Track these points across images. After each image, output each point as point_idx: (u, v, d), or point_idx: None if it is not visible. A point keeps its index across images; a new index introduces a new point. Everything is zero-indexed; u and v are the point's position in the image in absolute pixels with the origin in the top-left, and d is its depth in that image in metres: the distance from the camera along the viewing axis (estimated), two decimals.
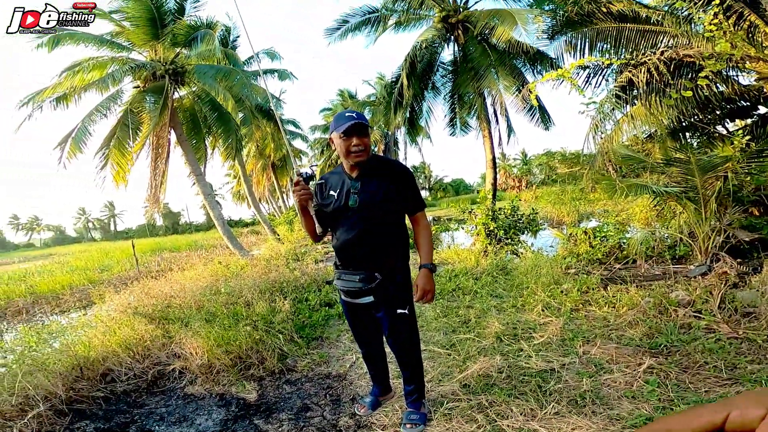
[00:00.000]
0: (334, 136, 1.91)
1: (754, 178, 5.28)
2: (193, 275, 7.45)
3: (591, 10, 6.53)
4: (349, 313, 2.16)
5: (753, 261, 4.56)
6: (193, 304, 4.62)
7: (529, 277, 4.88)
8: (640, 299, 3.72)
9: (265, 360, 3.31)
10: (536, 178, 33.58)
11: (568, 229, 7.47)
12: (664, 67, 5.29)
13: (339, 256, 2.01)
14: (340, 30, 12.06)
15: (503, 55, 10.85)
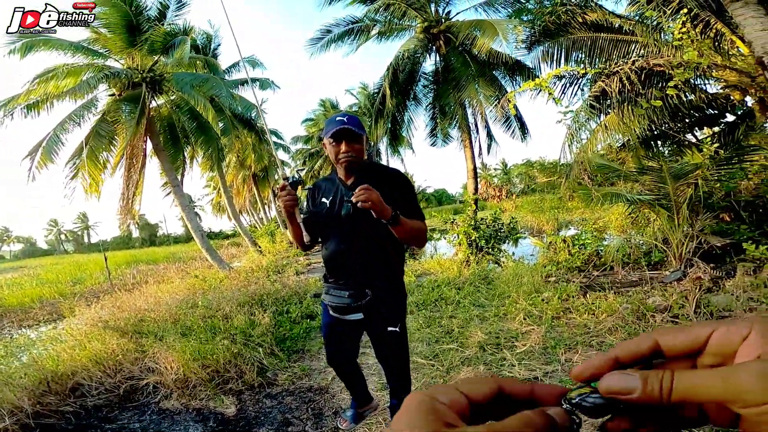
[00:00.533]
0: (325, 140, 1.81)
1: (723, 185, 5.49)
2: (170, 288, 7.28)
3: (567, 20, 6.75)
4: (329, 330, 1.99)
5: (726, 266, 4.71)
6: (168, 317, 4.52)
7: (511, 286, 4.91)
8: (618, 306, 3.78)
9: (244, 374, 3.22)
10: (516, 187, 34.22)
11: (547, 238, 7.58)
12: (635, 76, 5.47)
13: (328, 267, 1.89)
14: (322, 40, 12.06)
15: (484, 65, 11.06)
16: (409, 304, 4.99)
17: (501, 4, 11.00)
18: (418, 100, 12.82)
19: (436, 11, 11.67)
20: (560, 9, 6.77)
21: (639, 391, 0.25)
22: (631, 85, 5.49)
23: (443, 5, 11.70)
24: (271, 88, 15.75)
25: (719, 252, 4.97)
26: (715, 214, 5.50)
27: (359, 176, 1.83)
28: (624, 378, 0.26)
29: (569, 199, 10.55)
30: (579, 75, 6.86)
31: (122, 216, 10.78)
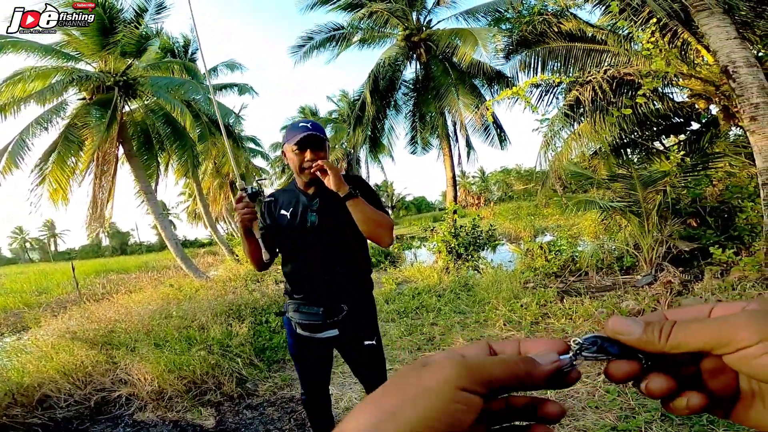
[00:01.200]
0: (286, 148, 1.67)
1: (690, 191, 5.74)
2: (142, 298, 7.08)
3: (543, 29, 6.97)
4: (299, 350, 1.80)
5: (694, 269, 4.91)
6: (140, 328, 4.39)
7: (490, 293, 4.97)
8: (594, 310, 3.87)
9: (222, 385, 3.15)
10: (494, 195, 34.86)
11: (524, 245, 7.74)
12: (607, 85, 5.68)
13: (294, 284, 1.73)
14: (304, 47, 12.04)
15: (463, 74, 11.26)
16: (390, 312, 4.99)
17: (481, 14, 11.26)
18: (399, 108, 12.93)
19: (418, 19, 11.85)
20: (537, 18, 6.99)
21: (638, 334, 0.26)
22: (603, 94, 5.70)
23: (425, 14, 11.91)
24: (249, 94, 15.54)
25: (687, 256, 5.18)
26: (683, 219, 5.73)
27: (321, 185, 1.67)
28: (628, 321, 0.27)
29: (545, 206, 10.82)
30: (554, 84, 7.08)
31: (92, 224, 10.37)
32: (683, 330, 0.25)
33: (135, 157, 10.95)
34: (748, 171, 5.64)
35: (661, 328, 0.25)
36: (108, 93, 10.16)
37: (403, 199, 56.86)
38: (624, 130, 6.31)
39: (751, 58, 4.40)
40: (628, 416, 2.19)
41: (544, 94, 7.52)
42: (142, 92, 10.76)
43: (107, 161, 10.29)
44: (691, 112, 6.71)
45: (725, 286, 3.93)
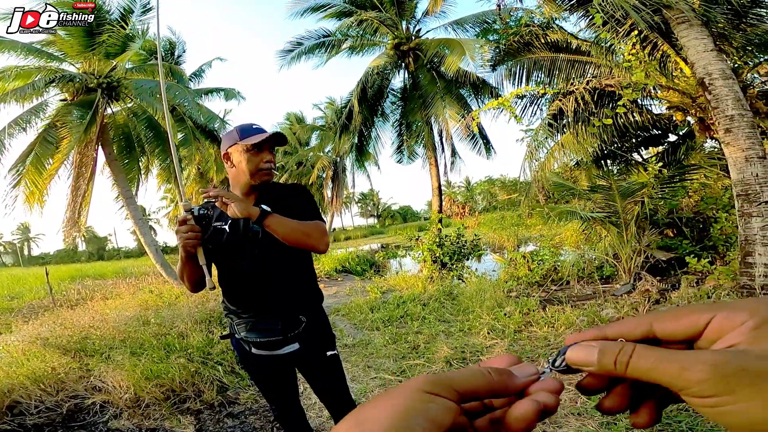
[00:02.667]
0: (235, 149, 1.53)
1: (667, 203, 5.93)
2: (118, 305, 6.91)
3: (529, 40, 7.13)
4: (256, 372, 1.68)
5: (671, 278, 5.05)
6: (116, 335, 4.28)
7: (475, 302, 5.00)
8: (575, 318, 3.94)
9: (202, 392, 3.08)
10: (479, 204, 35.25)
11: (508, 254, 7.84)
12: (589, 96, 5.81)
13: (241, 302, 1.58)
14: (293, 52, 12.02)
15: (450, 83, 11.41)
16: (375, 320, 4.97)
17: (470, 24, 11.43)
18: (386, 116, 13.00)
19: (407, 28, 11.95)
20: (524, 30, 7.15)
21: (594, 364, 0.25)
22: (585, 105, 5.83)
23: (414, 23, 12.03)
24: (236, 99, 15.39)
25: (665, 266, 5.33)
26: (660, 230, 5.92)
27: (262, 195, 1.60)
28: (584, 350, 0.26)
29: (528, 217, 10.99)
30: (539, 95, 7.24)
31: (68, 228, 10.06)
32: (642, 360, 0.24)
33: (115, 161, 10.70)
34: (723, 182, 5.86)
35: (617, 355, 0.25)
36: (90, 94, 9.95)
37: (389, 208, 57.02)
38: (605, 141, 6.47)
39: (727, 70, 4.51)
40: (610, 423, 2.23)
41: (529, 105, 7.68)
42: (126, 95, 10.57)
43: (85, 164, 10.04)
44: (669, 124, 6.93)
45: (701, 295, 4.06)
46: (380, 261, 12.51)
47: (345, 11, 11.49)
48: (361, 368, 3.52)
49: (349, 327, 5.01)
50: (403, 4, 11.49)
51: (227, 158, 1.58)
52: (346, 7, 11.46)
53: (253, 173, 1.53)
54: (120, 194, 10.65)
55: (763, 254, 4.08)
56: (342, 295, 7.43)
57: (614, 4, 4.63)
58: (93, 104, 9.68)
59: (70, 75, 9.51)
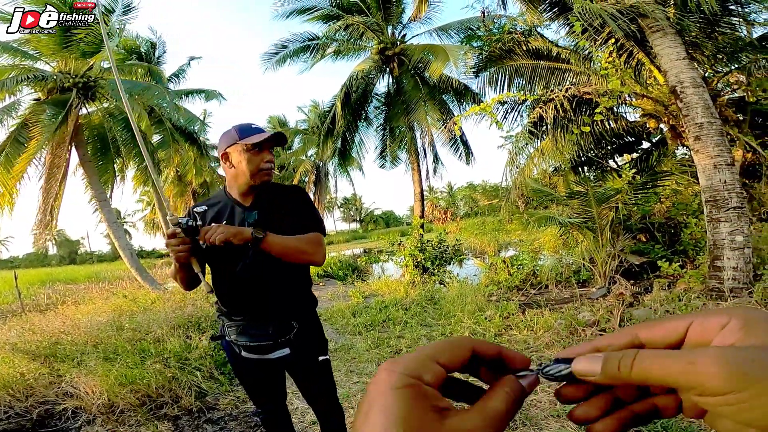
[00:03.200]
0: (234, 149, 1.51)
1: (640, 208, 6.14)
2: (90, 309, 6.74)
3: (511, 47, 7.28)
4: (246, 374, 1.67)
5: (644, 282, 5.22)
6: (88, 340, 4.18)
7: (456, 306, 5.05)
8: (553, 322, 4.01)
9: (180, 398, 3.02)
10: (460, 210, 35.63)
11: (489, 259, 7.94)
12: (568, 103, 5.96)
13: (234, 305, 1.58)
14: (278, 56, 11.93)
15: (434, 89, 11.52)
16: (357, 325, 4.96)
17: (454, 30, 11.57)
18: (369, 121, 13.02)
19: (393, 34, 12.01)
20: (507, 37, 7.30)
21: (599, 373, 0.25)
22: (564, 112, 5.98)
23: (400, 28, 12.10)
24: (217, 99, 15.14)
25: (638, 269, 5.50)
26: (634, 235, 6.11)
27: (260, 195, 1.58)
28: (589, 360, 0.26)
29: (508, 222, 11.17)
30: (520, 101, 7.40)
31: (39, 231, 9.67)
32: (646, 362, 0.24)
33: (89, 162, 10.39)
34: (693, 189, 6.10)
35: (620, 360, 0.24)
36: (65, 94, 9.64)
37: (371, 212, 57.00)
38: (582, 148, 6.66)
39: (698, 79, 4.67)
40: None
41: (510, 111, 7.85)
42: (102, 95, 10.28)
43: (57, 165, 9.70)
44: (643, 132, 7.18)
45: (672, 298, 4.20)
46: (363, 266, 12.48)
47: (331, 14, 11.49)
48: (344, 373, 3.50)
49: (330, 332, 4.98)
50: (389, 8, 11.54)
51: (226, 158, 1.55)
52: (332, 10, 11.46)
53: (253, 173, 1.51)
54: (93, 196, 10.34)
55: (731, 258, 4.26)
56: (324, 300, 7.38)
57: (593, 12, 4.77)
58: (66, 104, 9.38)
59: (43, 74, 9.20)
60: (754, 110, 6.52)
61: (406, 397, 0.24)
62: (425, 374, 0.25)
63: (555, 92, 6.21)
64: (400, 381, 0.25)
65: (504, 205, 7.16)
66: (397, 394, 0.24)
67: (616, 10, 4.69)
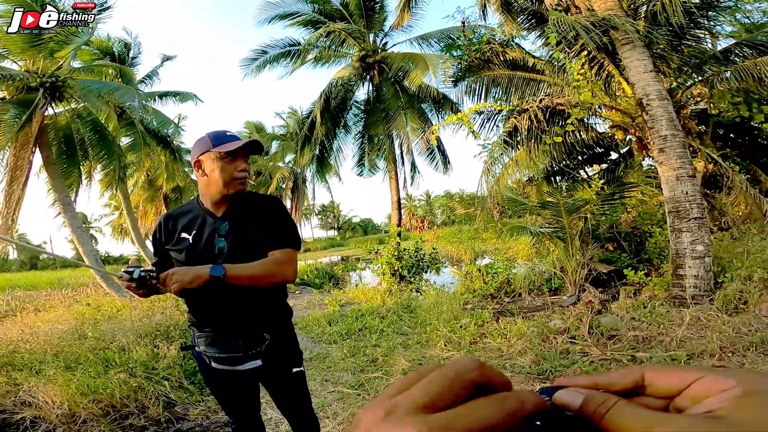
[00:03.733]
0: (208, 157, 1.45)
1: (607, 218, 6.36)
2: (51, 317, 6.50)
3: (489, 56, 7.46)
4: (217, 385, 1.63)
5: (612, 289, 5.40)
6: (48, 349, 4.02)
7: (432, 314, 5.08)
8: (526, 329, 4.09)
9: (146, 408, 2.93)
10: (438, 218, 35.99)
11: (465, 267, 8.04)
12: (541, 114, 6.13)
13: (203, 316, 1.53)
14: (257, 61, 11.78)
15: (413, 98, 11.60)
16: (333, 333, 4.92)
17: (435, 39, 11.70)
18: (348, 129, 12.99)
19: (374, 41, 12.02)
20: (486, 47, 7.49)
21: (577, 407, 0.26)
22: (538, 123, 6.14)
23: (381, 36, 12.14)
24: (192, 101, 14.80)
25: (606, 278, 5.70)
26: (602, 244, 6.33)
27: (234, 205, 1.53)
28: (570, 395, 0.27)
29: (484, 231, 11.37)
30: (496, 111, 7.58)
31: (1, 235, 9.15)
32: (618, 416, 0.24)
33: (54, 165, 9.94)
34: (658, 199, 6.37)
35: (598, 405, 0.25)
36: (31, 93, 9.21)
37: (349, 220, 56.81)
38: (555, 159, 6.88)
39: (663, 92, 4.87)
40: None
41: (486, 121, 8.02)
42: (71, 95, 9.88)
43: (19, 167, 9.23)
44: (611, 143, 7.47)
45: (638, 305, 4.36)
46: (339, 274, 12.40)
47: (314, 20, 11.47)
48: (319, 382, 3.45)
49: (306, 340, 4.91)
50: (372, 16, 11.60)
51: (198, 166, 1.49)
52: (315, 16, 11.44)
53: (226, 182, 1.45)
54: (57, 200, 9.88)
55: (693, 267, 4.47)
56: (299, 308, 7.28)
57: (567, 24, 4.94)
58: (32, 104, 8.96)
59: (10, 73, 8.78)
60: (716, 122, 6.88)
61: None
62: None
63: (530, 103, 6.39)
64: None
65: (479, 214, 7.28)
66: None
67: (589, 23, 4.86)
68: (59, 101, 9.97)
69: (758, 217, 5.69)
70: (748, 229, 5.87)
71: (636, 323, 3.92)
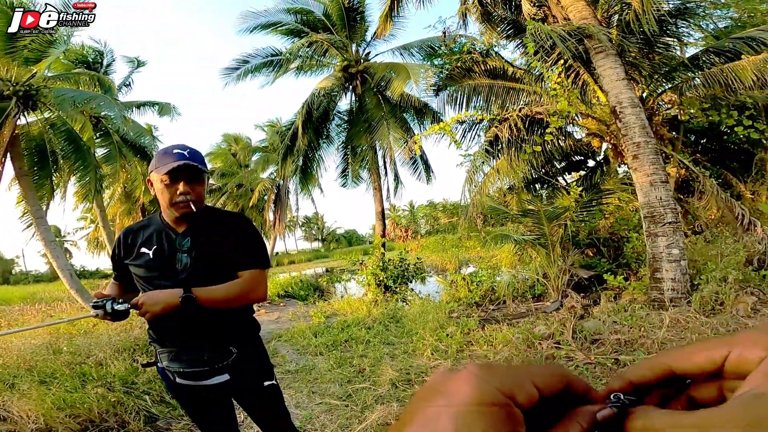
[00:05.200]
0: (153, 177, 1.41)
1: (586, 224, 6.52)
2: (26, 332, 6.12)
3: (470, 66, 7.61)
4: (185, 401, 1.57)
5: (593, 294, 5.51)
6: (21, 364, 3.91)
7: (418, 324, 5.08)
8: (511, 336, 4.13)
9: (127, 423, 2.84)
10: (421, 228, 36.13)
11: (450, 276, 8.08)
12: (521, 123, 6.27)
13: (164, 331, 1.48)
14: (238, 70, 11.70)
15: (395, 107, 11.62)
16: (319, 345, 4.86)
17: (416, 48, 11.76)
18: (331, 139, 12.96)
19: (357, 51, 12.04)
20: (466, 57, 7.64)
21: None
22: (518, 132, 6.27)
23: (364, 45, 12.16)
24: (170, 115, 14.51)
25: (587, 283, 5.81)
26: (582, 250, 6.48)
27: (196, 221, 1.49)
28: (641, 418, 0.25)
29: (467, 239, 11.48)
30: (477, 121, 7.72)
31: None
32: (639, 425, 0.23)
33: (26, 176, 9.59)
34: (633, 205, 6.56)
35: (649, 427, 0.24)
36: (3, 102, 8.89)
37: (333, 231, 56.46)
38: (534, 167, 7.01)
39: (635, 99, 5.03)
40: None
41: (468, 131, 8.16)
42: (44, 104, 9.59)
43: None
44: (588, 150, 7.67)
45: (618, 309, 4.46)
46: (324, 285, 12.28)
47: (296, 30, 11.49)
48: (306, 394, 3.40)
49: (291, 352, 4.83)
50: (354, 26, 11.64)
51: (150, 184, 1.46)
52: (297, 26, 11.45)
53: (168, 205, 1.41)
54: (29, 212, 9.51)
55: (669, 270, 4.61)
56: (284, 321, 7.16)
57: (544, 33, 5.10)
58: (3, 113, 8.66)
59: None
60: (686, 128, 7.15)
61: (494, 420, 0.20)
62: (520, 394, 0.22)
63: (510, 112, 6.53)
64: (490, 396, 0.21)
65: (462, 223, 7.36)
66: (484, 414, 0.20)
67: (565, 32, 5.03)
68: (32, 110, 9.66)
69: (730, 220, 5.91)
70: (720, 232, 6.08)
71: (618, 327, 4.01)
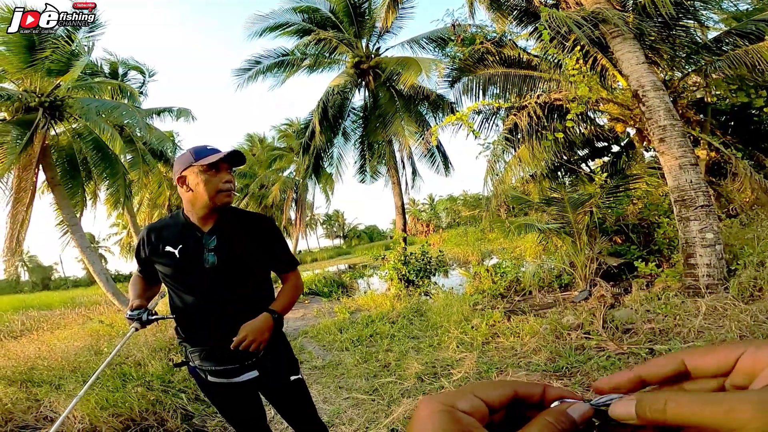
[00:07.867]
0: (191, 171, 1.46)
1: (613, 211, 6.30)
2: (67, 335, 6.66)
3: (484, 56, 7.46)
4: (216, 398, 1.63)
5: (623, 283, 5.34)
6: (65, 365, 4.11)
7: (442, 317, 5.05)
8: (539, 327, 4.05)
9: (165, 421, 2.95)
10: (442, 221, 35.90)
11: (473, 268, 7.99)
12: (540, 110, 6.09)
13: (195, 328, 1.54)
14: (251, 71, 11.84)
15: (409, 101, 11.53)
16: (344, 340, 4.91)
17: (425, 40, 11.61)
18: (348, 136, 12.97)
19: (367, 46, 11.98)
20: (479, 47, 7.48)
21: (635, 418, 0.25)
22: (537, 119, 6.10)
23: (374, 40, 12.09)
24: (186, 119, 14.86)
25: (616, 271, 5.63)
26: (610, 237, 6.27)
27: (221, 220, 1.53)
28: (624, 406, 0.26)
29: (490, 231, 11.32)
30: (494, 110, 7.55)
31: (8, 257, 9.24)
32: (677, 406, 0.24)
33: (59, 185, 10.03)
34: (662, 189, 6.31)
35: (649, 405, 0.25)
36: (31, 113, 9.31)
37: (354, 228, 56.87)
38: (556, 155, 6.82)
39: (658, 82, 4.83)
40: None
41: (485, 121, 8.00)
42: (70, 114, 9.98)
43: (23, 188, 9.33)
44: (612, 136, 7.41)
45: (651, 297, 4.31)
46: (348, 281, 12.38)
47: (304, 29, 11.50)
48: (333, 389, 3.44)
49: (317, 349, 4.89)
50: (362, 22, 11.56)
51: (182, 182, 1.49)
52: (304, 25, 11.47)
53: (212, 195, 1.46)
54: (64, 220, 9.95)
55: (704, 255, 4.41)
56: (309, 318, 7.26)
57: (559, 20, 4.93)
58: (32, 124, 9.06)
59: (8, 93, 8.88)
60: (714, 110, 6.82)
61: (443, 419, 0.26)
62: (460, 402, 0.27)
63: (528, 99, 6.36)
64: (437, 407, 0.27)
65: (485, 214, 7.24)
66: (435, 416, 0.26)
67: (580, 17, 4.85)
68: (59, 121, 10.07)
69: (765, 202, 5.61)
70: (756, 215, 5.78)
71: (651, 315, 3.87)
